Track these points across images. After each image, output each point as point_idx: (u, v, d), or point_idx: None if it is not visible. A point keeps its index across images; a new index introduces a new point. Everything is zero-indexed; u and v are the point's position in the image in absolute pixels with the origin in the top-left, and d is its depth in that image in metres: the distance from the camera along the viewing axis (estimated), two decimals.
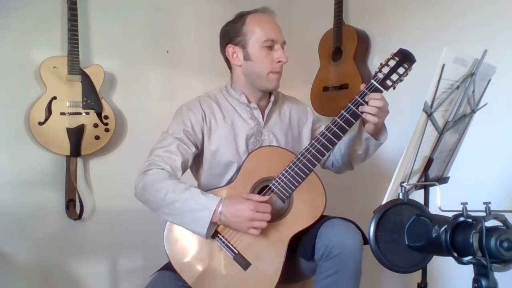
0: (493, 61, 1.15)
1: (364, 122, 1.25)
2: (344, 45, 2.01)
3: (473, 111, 1.19)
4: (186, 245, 1.22)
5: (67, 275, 1.85)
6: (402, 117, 1.79)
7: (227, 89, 1.40)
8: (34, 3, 1.76)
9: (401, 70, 1.18)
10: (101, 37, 1.91)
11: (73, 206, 1.83)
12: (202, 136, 1.31)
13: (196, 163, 1.36)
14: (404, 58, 1.18)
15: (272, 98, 1.40)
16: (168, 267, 1.23)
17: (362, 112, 1.19)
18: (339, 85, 2.03)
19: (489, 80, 1.19)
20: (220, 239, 1.20)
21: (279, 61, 1.30)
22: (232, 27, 1.33)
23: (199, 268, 1.19)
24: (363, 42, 2.00)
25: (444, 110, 1.10)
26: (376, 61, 2.02)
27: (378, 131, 1.28)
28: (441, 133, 1.12)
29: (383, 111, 1.19)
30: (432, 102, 1.03)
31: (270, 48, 1.29)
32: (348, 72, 1.98)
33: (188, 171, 1.39)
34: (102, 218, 1.92)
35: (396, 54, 1.19)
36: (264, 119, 1.37)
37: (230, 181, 1.28)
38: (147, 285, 1.21)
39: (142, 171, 1.22)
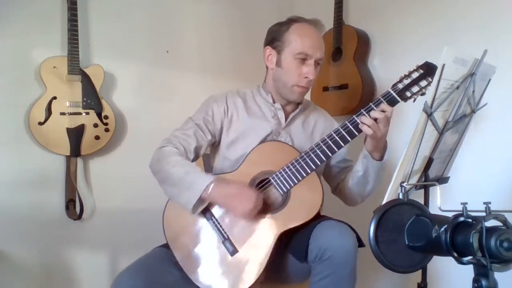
0: (493, 61, 1.16)
1: (365, 138, 1.24)
2: (344, 45, 2.01)
3: (473, 111, 1.19)
4: (181, 225, 1.26)
5: (67, 275, 1.85)
6: (402, 117, 1.79)
7: (258, 88, 1.44)
8: (34, 3, 1.76)
9: (423, 82, 1.16)
10: (101, 37, 1.91)
11: (73, 206, 1.83)
12: (221, 127, 1.37)
13: (213, 152, 1.43)
14: (429, 71, 1.16)
15: (301, 106, 1.41)
16: (167, 244, 1.27)
17: (360, 123, 1.18)
18: (339, 85, 2.03)
19: (489, 80, 1.20)
20: (213, 222, 1.23)
21: (306, 77, 1.30)
22: (277, 29, 1.35)
23: (189, 248, 1.23)
24: (363, 42, 2.00)
25: (444, 110, 1.10)
26: (376, 61, 2.02)
27: (378, 149, 1.24)
28: (441, 133, 1.12)
29: (383, 124, 1.16)
30: (432, 102, 1.03)
31: (303, 61, 1.29)
32: (348, 72, 1.98)
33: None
34: (102, 218, 1.92)
35: (421, 67, 1.17)
36: (287, 121, 1.38)
37: (233, 171, 1.31)
38: (141, 257, 1.25)
39: (159, 146, 1.31)
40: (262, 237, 1.20)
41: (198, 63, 2.19)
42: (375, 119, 1.16)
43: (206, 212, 1.24)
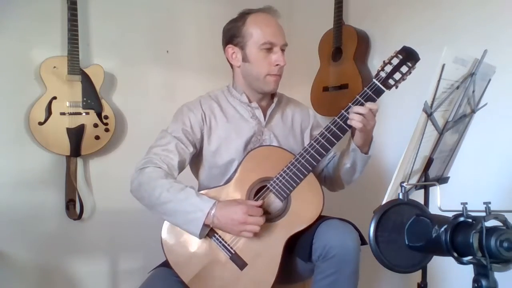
0: (493, 61, 1.15)
1: (352, 132, 1.25)
2: (344, 45, 2.01)
3: (473, 111, 1.19)
4: (183, 244, 1.22)
5: (67, 275, 1.85)
6: (402, 117, 1.79)
7: (228, 89, 1.40)
8: (34, 3, 1.76)
9: (404, 68, 1.16)
10: (101, 37, 1.91)
11: (73, 206, 1.83)
12: (201, 136, 1.32)
13: (195, 162, 1.37)
14: (408, 56, 1.15)
15: (276, 99, 1.39)
16: (166, 264, 1.24)
17: (349, 119, 1.17)
18: (339, 85, 2.03)
19: (489, 80, 1.19)
20: (217, 239, 1.20)
21: (276, 64, 1.29)
22: (233, 26, 1.32)
23: (196, 267, 1.20)
24: (363, 42, 2.00)
25: (444, 110, 1.10)
26: (376, 61, 2.02)
27: (366, 143, 1.26)
28: (441, 133, 1.12)
29: (370, 118, 1.17)
30: (432, 102, 1.03)
31: (269, 50, 1.28)
32: (348, 72, 1.98)
33: (188, 170, 1.40)
34: (102, 218, 1.92)
35: (399, 52, 1.16)
36: (266, 119, 1.37)
37: (228, 181, 1.28)
38: (145, 281, 1.21)
39: (139, 168, 1.22)
40: (270, 247, 1.19)
41: (198, 63, 2.19)
42: (362, 114, 1.16)
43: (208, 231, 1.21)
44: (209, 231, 1.20)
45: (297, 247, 1.22)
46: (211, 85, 2.12)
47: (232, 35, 1.32)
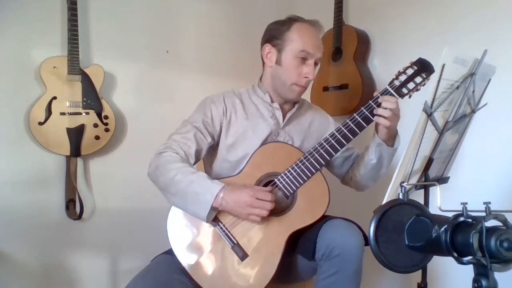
0: (493, 61, 1.16)
1: (377, 128, 1.26)
2: (344, 45, 2.01)
3: (473, 111, 1.19)
4: (187, 231, 1.24)
5: (67, 275, 1.85)
6: (402, 117, 1.79)
7: (253, 87, 1.43)
8: (34, 3, 1.76)
9: (418, 79, 1.18)
10: (101, 37, 1.91)
11: (73, 206, 1.83)
12: (220, 129, 1.35)
13: (211, 155, 1.39)
14: (423, 68, 1.18)
15: (297, 104, 1.42)
16: (170, 251, 1.25)
17: (375, 115, 1.19)
18: (339, 85, 2.03)
19: (489, 80, 1.19)
20: (221, 228, 1.21)
21: (305, 77, 1.31)
22: (277, 27, 1.35)
23: (197, 254, 1.21)
24: (363, 42, 2.00)
25: (444, 110, 1.10)
26: (376, 61, 2.02)
27: (391, 137, 1.27)
28: (441, 133, 1.12)
29: (395, 114, 1.19)
30: (432, 102, 1.03)
31: (303, 60, 1.30)
32: (348, 72, 1.98)
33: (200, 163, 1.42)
34: (102, 218, 1.92)
35: (414, 63, 1.19)
36: (285, 121, 1.39)
37: (237, 174, 1.30)
38: (146, 267, 1.22)
39: (157, 152, 1.26)
40: (272, 240, 1.20)
41: (198, 63, 2.19)
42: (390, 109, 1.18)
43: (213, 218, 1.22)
44: (214, 219, 1.21)
45: (301, 245, 1.22)
46: (211, 85, 2.12)
47: (273, 35, 1.35)
